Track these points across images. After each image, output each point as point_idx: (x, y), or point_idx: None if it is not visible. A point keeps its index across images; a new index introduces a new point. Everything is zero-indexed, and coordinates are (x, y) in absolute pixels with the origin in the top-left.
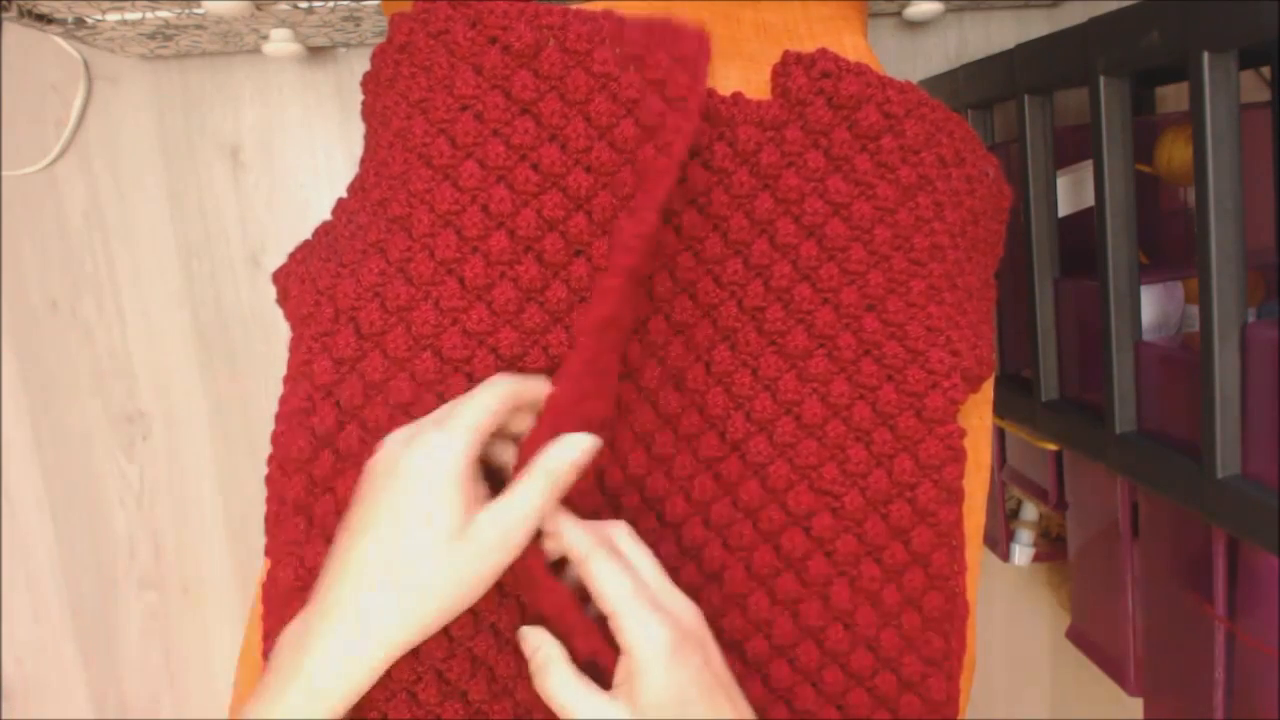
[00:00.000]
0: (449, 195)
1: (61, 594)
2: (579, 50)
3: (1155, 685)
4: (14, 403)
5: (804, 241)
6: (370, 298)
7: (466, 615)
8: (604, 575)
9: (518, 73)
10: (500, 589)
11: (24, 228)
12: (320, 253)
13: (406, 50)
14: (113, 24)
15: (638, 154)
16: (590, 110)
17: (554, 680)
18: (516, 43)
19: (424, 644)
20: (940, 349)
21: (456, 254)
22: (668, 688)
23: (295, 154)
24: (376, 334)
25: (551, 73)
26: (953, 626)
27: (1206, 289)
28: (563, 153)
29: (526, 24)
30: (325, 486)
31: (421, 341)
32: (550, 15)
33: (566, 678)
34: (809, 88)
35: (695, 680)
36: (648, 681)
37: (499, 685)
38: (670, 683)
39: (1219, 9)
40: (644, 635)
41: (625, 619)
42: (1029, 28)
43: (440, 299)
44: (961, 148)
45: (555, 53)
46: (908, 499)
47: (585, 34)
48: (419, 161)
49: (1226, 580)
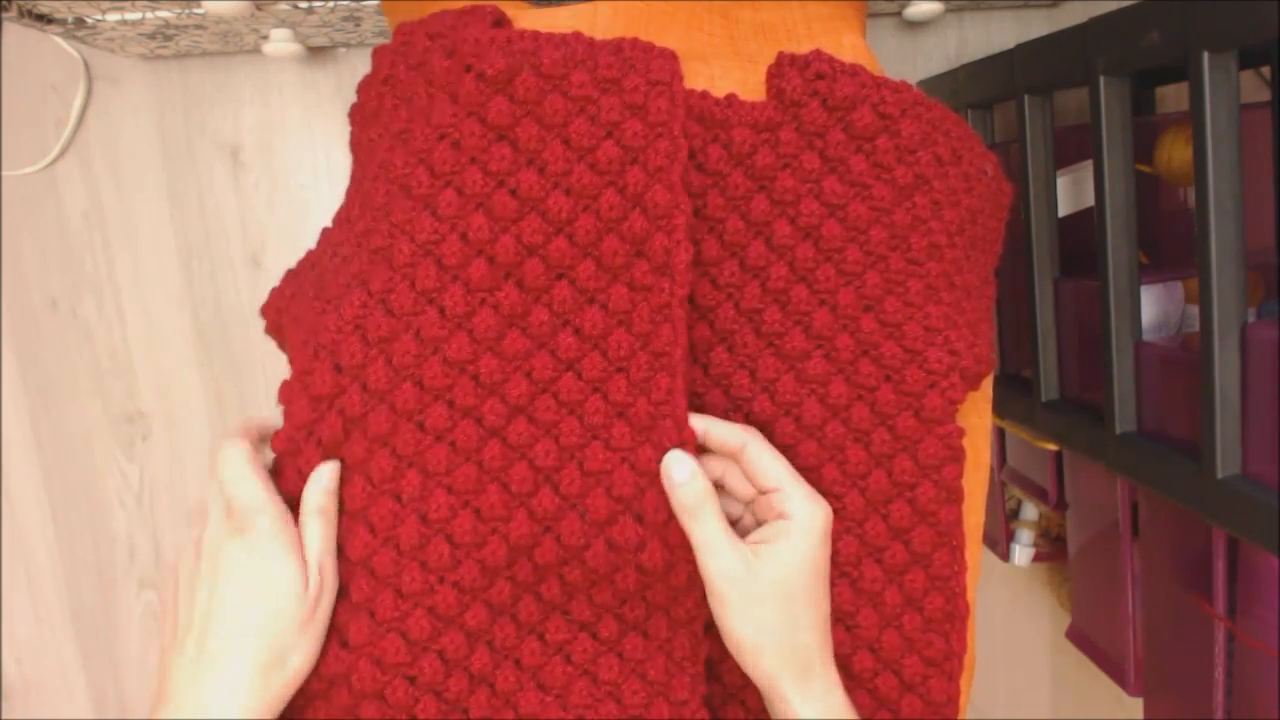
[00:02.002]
0: (428, 225)
1: (61, 594)
2: (554, 75)
3: (1155, 685)
4: (14, 403)
5: (801, 243)
6: (351, 331)
7: (458, 633)
8: (766, 456)
9: (493, 99)
10: (490, 608)
11: (24, 228)
12: (308, 289)
13: (389, 83)
14: (113, 24)
15: (624, 178)
16: (569, 133)
17: (703, 523)
18: (490, 70)
19: (421, 664)
20: (938, 348)
21: (436, 283)
22: (810, 558)
23: (295, 154)
24: (357, 367)
25: (527, 98)
26: (953, 627)
27: (1206, 289)
28: (540, 176)
29: (499, 51)
30: None
31: (402, 373)
32: (523, 41)
33: (715, 522)
34: (803, 89)
35: (826, 561)
36: (799, 547)
37: (499, 699)
38: (816, 554)
39: (1219, 9)
40: (809, 508)
41: (793, 490)
42: (1029, 28)
43: (421, 329)
44: (959, 146)
45: (530, 78)
46: (907, 499)
47: (559, 59)
48: (400, 192)
49: (1226, 580)
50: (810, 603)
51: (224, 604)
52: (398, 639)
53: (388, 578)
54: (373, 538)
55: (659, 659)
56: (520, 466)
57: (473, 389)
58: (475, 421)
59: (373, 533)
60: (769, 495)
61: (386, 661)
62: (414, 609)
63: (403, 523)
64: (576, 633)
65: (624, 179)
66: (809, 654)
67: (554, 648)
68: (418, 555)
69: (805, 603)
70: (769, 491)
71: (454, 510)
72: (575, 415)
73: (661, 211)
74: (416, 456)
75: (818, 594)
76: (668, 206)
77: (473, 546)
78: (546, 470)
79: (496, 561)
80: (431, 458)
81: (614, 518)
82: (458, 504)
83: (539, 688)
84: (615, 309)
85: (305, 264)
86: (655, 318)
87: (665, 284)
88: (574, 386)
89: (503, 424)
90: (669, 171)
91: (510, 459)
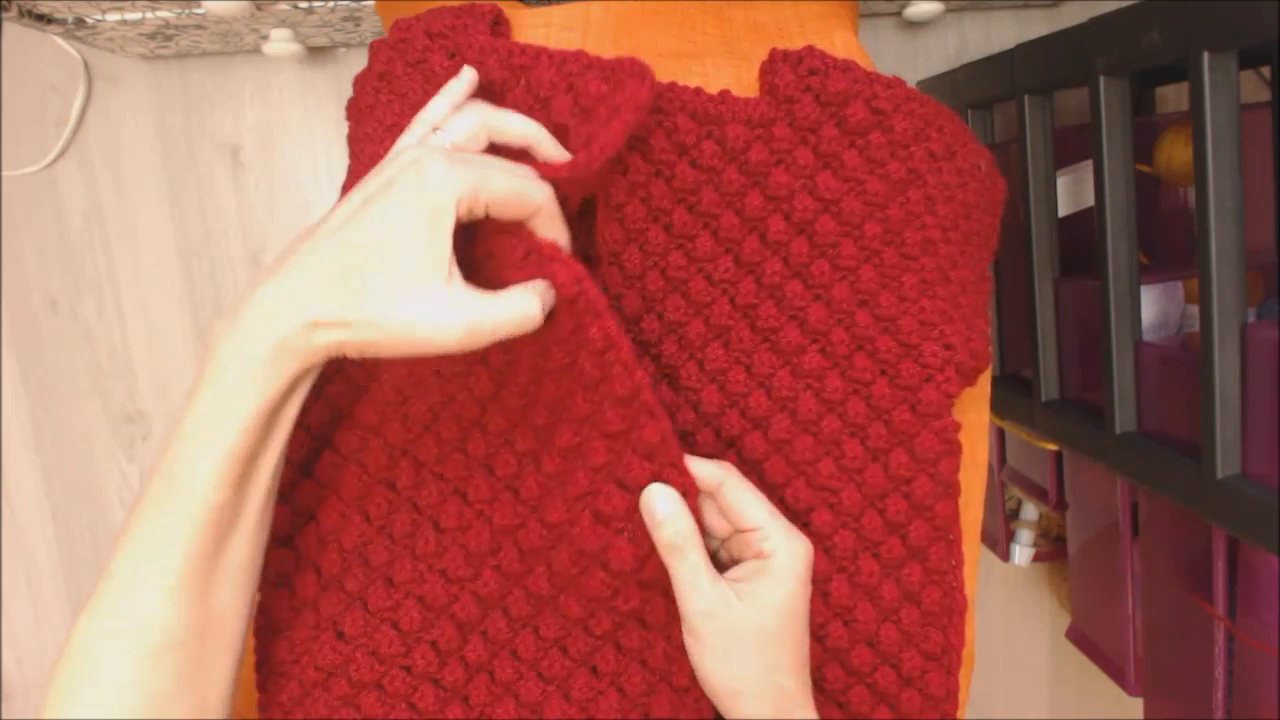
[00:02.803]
0: None
1: (61, 594)
2: (541, 96)
3: (1155, 685)
4: (14, 403)
5: (795, 238)
6: None
7: (449, 624)
8: (744, 495)
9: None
10: (507, 614)
11: (24, 228)
12: None
13: (385, 78)
14: (113, 24)
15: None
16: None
17: (685, 560)
18: (485, 79)
19: (416, 652)
20: (933, 343)
21: None
22: (791, 598)
23: (295, 154)
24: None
25: (516, 110)
26: (951, 621)
27: (1206, 289)
28: None
29: (498, 62)
30: (307, 514)
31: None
32: (523, 55)
33: (698, 559)
34: (796, 85)
35: (806, 602)
36: (780, 590)
37: (499, 687)
38: (797, 596)
39: (1219, 9)
40: (789, 546)
41: (772, 529)
42: (1029, 28)
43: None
44: (952, 141)
45: (522, 94)
46: (904, 493)
47: (549, 80)
48: None
49: (1226, 580)
50: (790, 645)
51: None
52: (390, 630)
53: (381, 567)
54: (368, 526)
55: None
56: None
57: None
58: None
59: (368, 521)
60: (747, 534)
61: (382, 653)
62: (405, 599)
63: (397, 512)
64: (571, 627)
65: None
66: (789, 698)
67: (550, 642)
68: (410, 544)
69: (785, 645)
70: (747, 531)
71: (443, 496)
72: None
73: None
74: (408, 445)
75: (798, 636)
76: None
77: (458, 531)
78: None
79: (480, 548)
80: (422, 446)
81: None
82: (448, 490)
83: (540, 678)
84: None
85: None
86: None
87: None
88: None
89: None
90: (571, 199)
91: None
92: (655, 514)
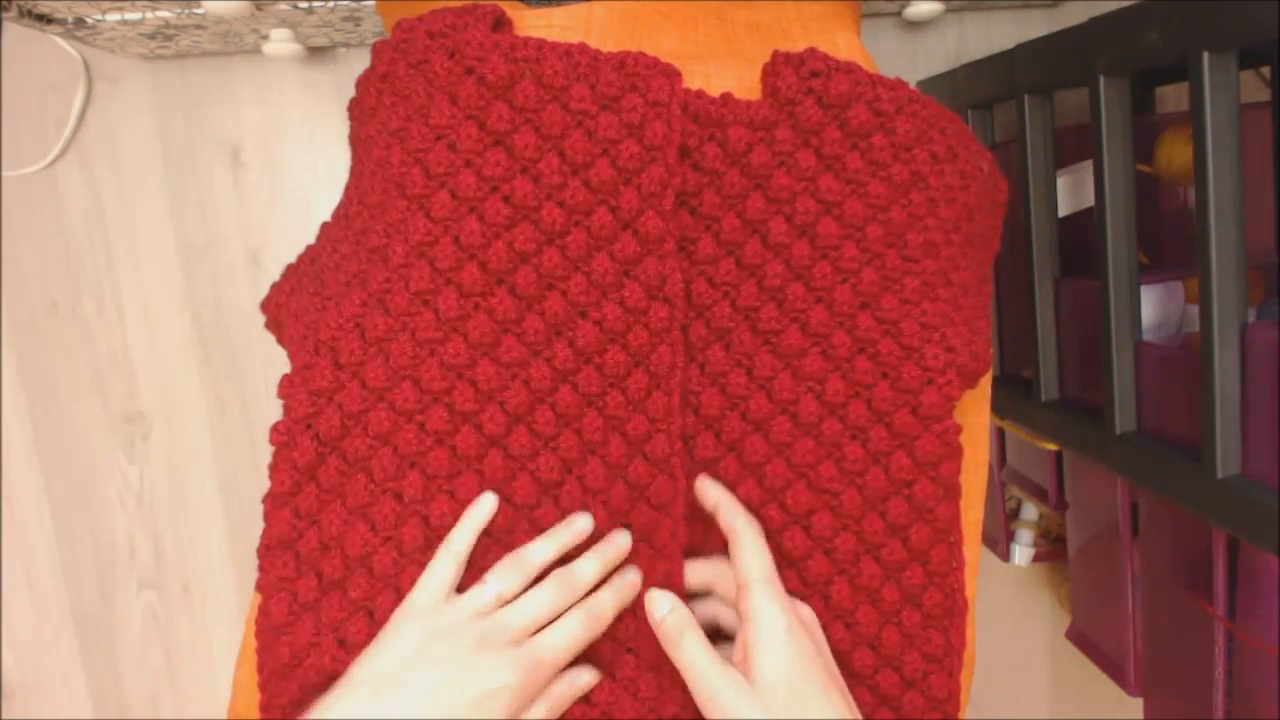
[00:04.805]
0: (422, 226)
1: (61, 594)
2: (555, 86)
3: (1155, 685)
4: (14, 403)
5: (796, 241)
6: (350, 329)
7: None
8: (753, 549)
9: (493, 104)
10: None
11: (24, 228)
12: (308, 285)
13: (388, 79)
14: (113, 24)
15: (618, 198)
16: (565, 146)
17: (687, 649)
18: (491, 75)
19: None
20: (935, 345)
21: (430, 285)
22: (782, 664)
23: (295, 154)
24: (355, 364)
25: (526, 105)
26: (952, 623)
27: (1206, 289)
28: (535, 186)
29: (501, 56)
30: (310, 520)
31: (400, 372)
32: (526, 49)
33: (699, 647)
34: (798, 87)
35: (807, 662)
36: (764, 658)
37: None
38: (784, 658)
39: (1219, 9)
40: (766, 610)
41: (756, 590)
42: (1029, 28)
43: (416, 330)
44: (954, 143)
45: (531, 86)
46: (905, 495)
47: (561, 70)
48: (395, 191)
49: (1226, 580)
50: (818, 698)
51: None
52: None
53: (388, 577)
54: (373, 535)
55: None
56: (523, 477)
57: (472, 394)
58: (475, 428)
59: (374, 530)
60: (739, 591)
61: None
62: None
63: (405, 523)
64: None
65: (617, 199)
66: None
67: None
68: (419, 558)
69: (811, 700)
70: (740, 586)
71: (456, 515)
72: (573, 429)
73: (655, 237)
74: (418, 457)
75: (830, 694)
76: (660, 233)
77: (477, 555)
78: (548, 484)
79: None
80: (433, 460)
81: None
82: (460, 509)
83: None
84: (609, 326)
85: (305, 259)
86: (654, 340)
87: (664, 310)
88: (571, 399)
89: (503, 432)
90: (661, 198)
91: (512, 469)
92: (654, 614)
